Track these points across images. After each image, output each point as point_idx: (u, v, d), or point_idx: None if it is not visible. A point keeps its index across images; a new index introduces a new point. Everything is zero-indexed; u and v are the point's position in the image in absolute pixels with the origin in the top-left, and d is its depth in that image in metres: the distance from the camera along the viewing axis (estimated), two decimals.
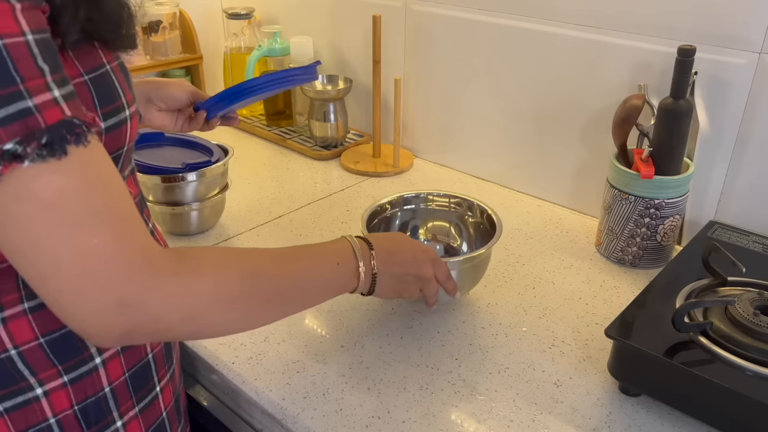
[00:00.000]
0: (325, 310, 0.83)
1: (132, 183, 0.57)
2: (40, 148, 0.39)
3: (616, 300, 0.86)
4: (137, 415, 0.57)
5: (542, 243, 1.00)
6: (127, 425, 0.56)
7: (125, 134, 0.51)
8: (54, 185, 0.40)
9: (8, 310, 0.48)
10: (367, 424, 0.66)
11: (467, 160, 1.23)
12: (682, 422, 0.66)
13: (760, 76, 0.83)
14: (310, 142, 1.33)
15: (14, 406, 0.50)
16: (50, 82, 0.41)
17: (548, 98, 1.06)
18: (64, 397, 0.52)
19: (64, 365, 0.51)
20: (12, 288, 0.48)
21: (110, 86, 0.49)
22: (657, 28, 0.90)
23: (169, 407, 0.61)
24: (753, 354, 0.63)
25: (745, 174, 0.89)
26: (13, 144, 0.39)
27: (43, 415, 0.51)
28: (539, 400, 0.69)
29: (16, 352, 0.49)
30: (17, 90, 0.39)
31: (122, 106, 0.50)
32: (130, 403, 0.56)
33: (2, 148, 0.39)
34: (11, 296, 0.48)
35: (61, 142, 0.40)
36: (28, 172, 0.39)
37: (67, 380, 0.52)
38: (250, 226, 1.03)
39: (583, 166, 1.06)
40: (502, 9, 1.06)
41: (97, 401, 0.54)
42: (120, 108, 0.50)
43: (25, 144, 0.39)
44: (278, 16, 1.47)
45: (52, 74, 0.41)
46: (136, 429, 0.57)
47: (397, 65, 1.27)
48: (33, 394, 0.50)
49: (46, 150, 0.40)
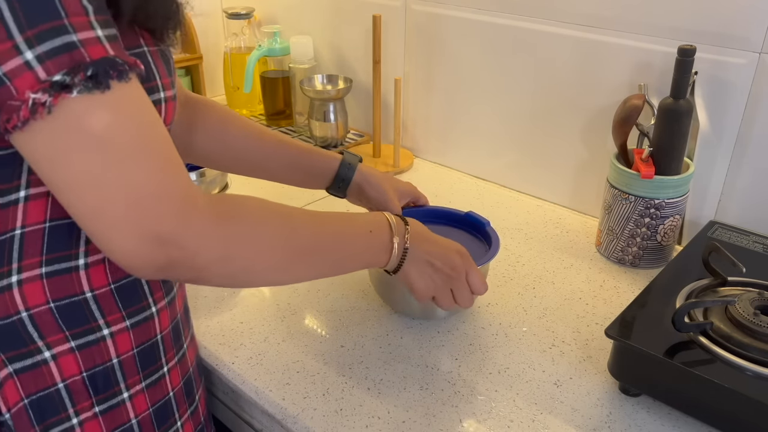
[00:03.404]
0: (325, 310, 0.83)
1: None
2: (87, 80, 0.41)
3: (616, 300, 0.86)
4: (143, 390, 0.58)
5: (542, 243, 1.00)
6: (133, 397, 0.58)
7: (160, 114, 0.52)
8: (104, 118, 0.42)
9: (26, 272, 0.50)
10: (367, 424, 0.66)
11: (467, 160, 1.23)
12: (682, 422, 0.66)
13: (760, 76, 0.83)
14: (310, 142, 1.33)
15: (24, 368, 0.52)
16: (93, 21, 0.42)
17: (548, 98, 1.06)
18: (73, 362, 0.53)
19: (72, 331, 0.53)
20: (36, 252, 0.50)
21: (146, 66, 0.50)
22: (657, 28, 0.90)
23: (177, 389, 0.62)
24: (753, 354, 0.63)
25: (745, 174, 0.89)
26: (62, 75, 0.40)
27: (52, 379, 0.53)
28: (539, 400, 0.69)
29: (27, 315, 0.51)
30: (62, 24, 0.40)
31: (157, 87, 0.51)
32: (137, 378, 0.58)
33: (51, 79, 0.40)
34: (33, 260, 0.50)
35: (105, 75, 0.41)
36: (78, 105, 0.41)
37: (74, 345, 0.53)
38: None
39: (583, 165, 1.06)
40: (502, 9, 1.06)
41: (105, 370, 0.55)
42: (155, 88, 0.51)
43: (72, 75, 0.40)
44: (278, 15, 1.47)
45: (95, 14, 0.42)
46: (142, 402, 0.59)
47: (397, 65, 1.27)
48: (41, 357, 0.52)
49: (92, 82, 0.41)
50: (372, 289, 0.86)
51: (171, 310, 0.60)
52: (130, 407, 0.58)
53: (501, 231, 1.02)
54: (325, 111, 1.28)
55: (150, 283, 0.57)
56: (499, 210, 1.10)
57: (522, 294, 0.87)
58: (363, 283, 0.88)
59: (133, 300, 0.56)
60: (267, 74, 1.39)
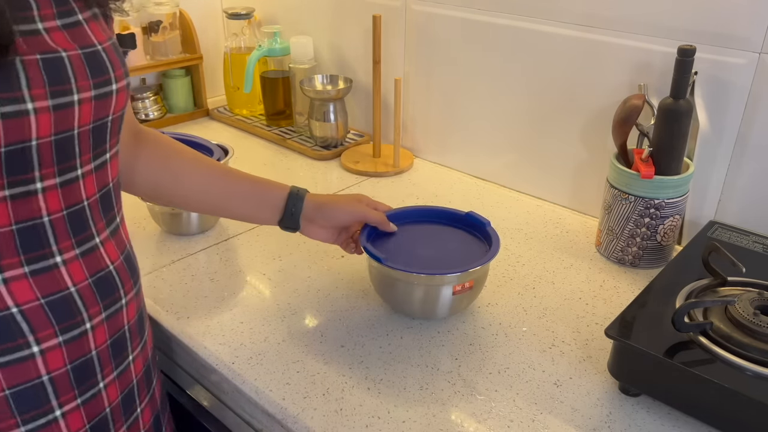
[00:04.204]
0: (326, 310, 0.83)
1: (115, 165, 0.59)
2: None
3: (616, 300, 0.86)
4: (115, 380, 0.60)
5: (542, 243, 1.00)
6: (107, 387, 0.60)
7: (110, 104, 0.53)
8: None
9: (8, 271, 0.50)
10: (367, 424, 0.66)
11: (467, 160, 1.23)
12: (682, 422, 0.66)
13: (760, 76, 0.83)
14: (310, 142, 1.33)
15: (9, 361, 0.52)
16: None
17: (548, 98, 1.06)
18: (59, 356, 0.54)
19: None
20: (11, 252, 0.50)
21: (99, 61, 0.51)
22: (657, 28, 0.90)
23: (139, 376, 0.65)
24: (753, 354, 0.63)
25: (745, 174, 0.89)
26: None
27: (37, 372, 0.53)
28: (539, 400, 0.69)
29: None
30: None
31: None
32: (110, 368, 0.60)
33: None
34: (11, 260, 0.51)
35: None
36: None
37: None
38: (250, 226, 1.03)
39: (583, 166, 1.06)
40: (502, 9, 1.06)
41: (86, 362, 0.57)
42: None
43: None
44: (278, 16, 1.47)
45: None
46: (114, 391, 0.61)
47: (397, 65, 1.27)
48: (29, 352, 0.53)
49: None
50: (372, 289, 0.86)
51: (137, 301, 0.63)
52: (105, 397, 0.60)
53: (501, 231, 1.02)
54: (325, 111, 1.28)
55: (121, 274, 0.59)
56: (499, 210, 1.10)
57: (522, 294, 0.87)
58: (363, 283, 0.88)
59: (108, 291, 0.58)
60: (267, 74, 1.39)
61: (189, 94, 1.50)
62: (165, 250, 0.97)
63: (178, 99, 1.49)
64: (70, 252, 0.54)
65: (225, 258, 0.95)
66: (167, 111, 1.49)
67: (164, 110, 1.47)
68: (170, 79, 1.47)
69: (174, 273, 0.91)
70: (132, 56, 1.36)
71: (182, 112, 1.50)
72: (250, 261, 0.94)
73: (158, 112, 1.45)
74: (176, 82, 1.47)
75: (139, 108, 1.43)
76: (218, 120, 1.50)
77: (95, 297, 0.57)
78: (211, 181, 0.78)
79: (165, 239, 0.99)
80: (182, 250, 0.97)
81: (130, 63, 1.36)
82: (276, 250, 0.97)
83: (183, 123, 1.48)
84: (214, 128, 1.46)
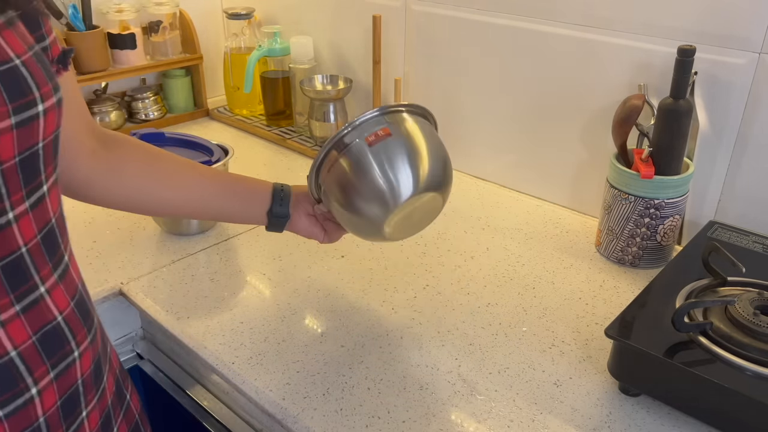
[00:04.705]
0: (326, 310, 0.83)
1: (55, 196, 0.51)
2: None
3: (616, 300, 0.86)
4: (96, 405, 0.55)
5: (542, 243, 1.00)
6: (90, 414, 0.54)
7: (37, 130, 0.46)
8: None
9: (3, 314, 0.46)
10: (367, 424, 0.66)
11: (467, 160, 1.23)
12: (682, 422, 0.66)
13: (760, 76, 0.83)
14: (310, 142, 1.33)
15: (14, 409, 0.47)
16: None
17: (548, 98, 1.06)
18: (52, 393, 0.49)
19: (51, 360, 0.49)
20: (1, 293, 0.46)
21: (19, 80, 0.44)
22: (657, 28, 0.90)
23: (95, 430, 0.59)
24: (753, 354, 0.63)
25: (745, 174, 0.89)
26: None
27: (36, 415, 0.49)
28: (539, 400, 0.69)
29: (15, 353, 0.47)
30: None
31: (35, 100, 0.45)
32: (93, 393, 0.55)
33: None
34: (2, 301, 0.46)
35: None
36: None
37: (53, 376, 0.49)
38: (250, 226, 1.03)
39: (583, 166, 1.06)
40: (502, 9, 1.06)
41: (73, 394, 0.52)
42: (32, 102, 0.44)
43: None
44: (278, 16, 1.47)
45: None
46: (95, 417, 0.55)
47: (397, 65, 1.27)
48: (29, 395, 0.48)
49: None
50: (372, 289, 0.86)
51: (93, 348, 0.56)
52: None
53: (501, 231, 1.02)
54: (325, 111, 1.28)
55: (72, 323, 0.52)
56: (499, 210, 1.10)
57: (522, 294, 0.87)
58: (363, 283, 0.89)
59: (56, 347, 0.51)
60: (267, 74, 1.39)
61: (189, 94, 1.50)
62: (165, 250, 0.97)
63: (178, 99, 1.49)
64: (9, 310, 0.45)
65: (225, 258, 0.95)
66: (167, 111, 1.49)
67: (164, 110, 1.48)
68: (170, 79, 1.47)
69: (174, 273, 0.91)
70: (132, 56, 1.36)
71: (182, 112, 1.50)
72: (250, 261, 0.94)
73: (158, 112, 1.45)
74: (176, 82, 1.47)
75: (139, 108, 1.43)
76: (218, 120, 1.50)
77: (41, 357, 0.48)
78: (199, 180, 0.74)
79: (165, 239, 1.00)
80: (182, 250, 0.97)
81: (130, 63, 1.36)
82: (276, 250, 0.97)
83: (183, 123, 1.48)
84: (214, 128, 1.46)
